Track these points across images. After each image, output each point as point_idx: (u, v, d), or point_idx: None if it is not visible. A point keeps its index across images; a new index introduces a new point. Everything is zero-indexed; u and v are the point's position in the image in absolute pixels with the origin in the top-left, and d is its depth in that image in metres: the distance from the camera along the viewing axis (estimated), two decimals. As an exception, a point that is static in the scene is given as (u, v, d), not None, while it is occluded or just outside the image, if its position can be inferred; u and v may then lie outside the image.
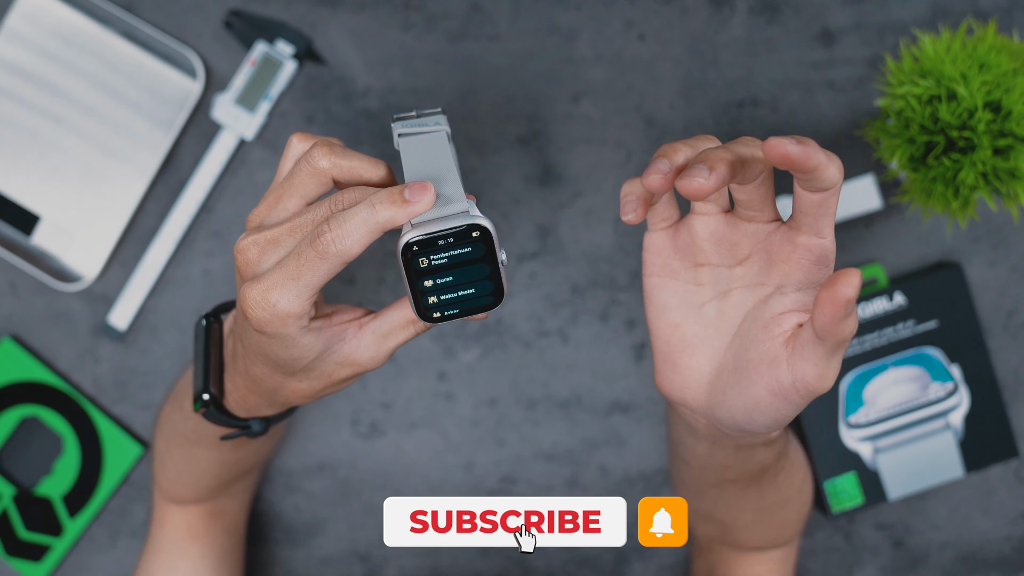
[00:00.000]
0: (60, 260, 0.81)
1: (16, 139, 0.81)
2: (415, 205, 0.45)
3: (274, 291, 0.46)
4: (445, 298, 0.48)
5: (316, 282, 0.46)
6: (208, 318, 0.58)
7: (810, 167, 0.44)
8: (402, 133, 0.51)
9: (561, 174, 0.82)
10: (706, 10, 0.82)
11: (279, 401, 0.54)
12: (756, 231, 0.50)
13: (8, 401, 0.82)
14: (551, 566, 0.84)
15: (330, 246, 0.45)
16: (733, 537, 0.70)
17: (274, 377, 0.51)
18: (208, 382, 0.56)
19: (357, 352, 0.50)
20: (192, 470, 0.69)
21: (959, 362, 0.80)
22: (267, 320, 0.46)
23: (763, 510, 0.66)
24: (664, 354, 0.53)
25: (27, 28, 0.81)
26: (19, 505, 0.82)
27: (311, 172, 0.49)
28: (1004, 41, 0.71)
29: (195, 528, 0.74)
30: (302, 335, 0.48)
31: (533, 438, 0.83)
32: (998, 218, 0.83)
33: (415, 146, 0.50)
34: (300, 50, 0.81)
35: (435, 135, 0.50)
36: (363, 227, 0.45)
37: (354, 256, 0.45)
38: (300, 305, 0.46)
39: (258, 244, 0.48)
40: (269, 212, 0.49)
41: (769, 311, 0.49)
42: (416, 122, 0.52)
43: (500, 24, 0.82)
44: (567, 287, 0.83)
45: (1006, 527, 0.84)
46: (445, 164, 0.48)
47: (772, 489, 0.64)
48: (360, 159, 0.49)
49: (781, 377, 0.48)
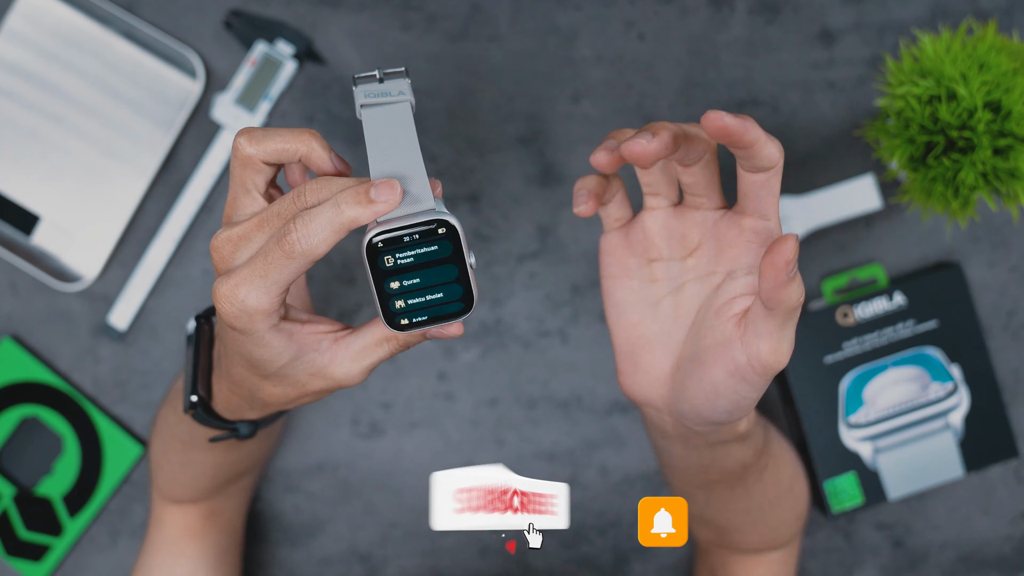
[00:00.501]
0: (60, 260, 0.81)
1: (16, 139, 0.81)
2: (380, 205, 0.45)
3: (242, 287, 0.46)
4: (412, 302, 0.47)
5: (283, 280, 0.46)
6: (199, 319, 0.58)
7: (747, 141, 0.45)
8: (365, 104, 0.49)
9: (561, 174, 0.82)
10: (706, 10, 0.82)
11: (258, 404, 0.54)
12: (704, 219, 0.51)
13: (8, 401, 0.82)
14: (551, 566, 0.84)
15: (295, 245, 0.45)
16: (730, 539, 0.70)
17: (251, 379, 0.51)
18: (197, 384, 0.56)
19: (331, 366, 0.50)
20: (188, 472, 0.69)
21: (959, 362, 0.80)
22: (236, 316, 0.47)
23: (754, 510, 0.66)
24: (625, 353, 0.54)
25: (27, 28, 0.81)
26: (19, 505, 0.82)
27: (241, 163, 0.49)
28: (1004, 41, 0.71)
29: (193, 528, 0.74)
30: (272, 335, 0.48)
31: (533, 438, 0.83)
32: (998, 218, 0.83)
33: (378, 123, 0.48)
34: (300, 50, 0.81)
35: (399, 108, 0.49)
36: (328, 227, 0.45)
37: (320, 255, 0.46)
38: (268, 302, 0.46)
39: (231, 240, 0.48)
40: (232, 211, 0.50)
41: (721, 297, 0.50)
42: (378, 89, 0.50)
43: (500, 24, 0.82)
44: (567, 287, 0.83)
45: (1006, 527, 0.84)
46: (411, 155, 0.47)
47: (759, 488, 0.64)
48: (282, 135, 0.49)
49: (736, 356, 0.49)
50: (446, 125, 0.82)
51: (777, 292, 0.45)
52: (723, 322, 0.50)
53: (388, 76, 0.51)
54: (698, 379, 0.51)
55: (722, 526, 0.68)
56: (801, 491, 0.70)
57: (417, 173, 0.46)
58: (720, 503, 0.65)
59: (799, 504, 0.70)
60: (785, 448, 0.69)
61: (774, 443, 0.66)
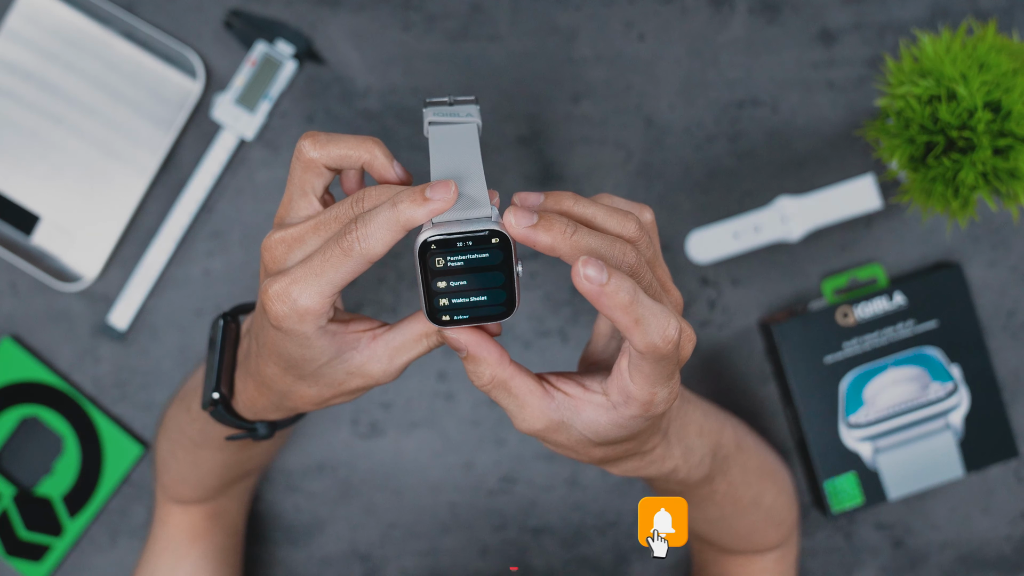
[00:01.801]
0: (60, 260, 0.81)
1: (16, 139, 0.81)
2: (435, 203, 0.45)
3: (296, 286, 0.46)
4: (456, 302, 0.47)
5: (339, 280, 0.46)
6: (226, 317, 0.58)
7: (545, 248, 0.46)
8: (433, 121, 0.50)
9: (561, 174, 0.82)
10: (706, 10, 0.82)
11: (287, 406, 0.54)
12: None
13: (8, 401, 0.82)
14: (551, 566, 0.84)
15: (355, 244, 0.45)
16: (708, 541, 0.71)
17: (284, 379, 0.51)
18: (219, 381, 0.56)
19: (368, 364, 0.50)
20: (196, 471, 0.69)
21: (959, 362, 0.80)
22: (286, 315, 0.47)
23: (713, 522, 0.67)
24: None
25: (27, 28, 0.81)
26: (19, 505, 0.82)
27: (303, 167, 0.49)
28: (1004, 41, 0.71)
29: (196, 528, 0.74)
30: (317, 336, 0.48)
31: (533, 438, 0.83)
32: (998, 218, 0.83)
33: (444, 138, 0.49)
34: (300, 50, 0.81)
35: (465, 127, 0.50)
36: (385, 226, 0.45)
37: (378, 255, 0.46)
38: (320, 302, 0.46)
39: (285, 241, 0.48)
40: (286, 212, 0.50)
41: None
42: (448, 110, 0.51)
43: (500, 24, 0.82)
44: (567, 287, 0.83)
45: (1006, 527, 0.84)
46: (472, 161, 0.47)
47: (710, 506, 0.64)
48: (346, 141, 0.49)
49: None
50: (446, 125, 0.82)
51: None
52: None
53: (458, 102, 0.52)
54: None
55: (696, 532, 0.70)
56: (773, 504, 0.70)
57: (476, 178, 0.47)
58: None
59: (775, 514, 0.70)
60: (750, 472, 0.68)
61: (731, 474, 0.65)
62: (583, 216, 0.47)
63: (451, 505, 0.83)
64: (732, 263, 0.83)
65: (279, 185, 0.82)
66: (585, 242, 0.45)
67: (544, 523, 0.83)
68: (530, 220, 0.44)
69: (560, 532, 0.84)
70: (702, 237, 0.81)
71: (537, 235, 0.44)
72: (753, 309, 0.83)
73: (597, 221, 0.47)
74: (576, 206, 0.47)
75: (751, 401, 0.84)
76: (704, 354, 0.83)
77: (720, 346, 0.83)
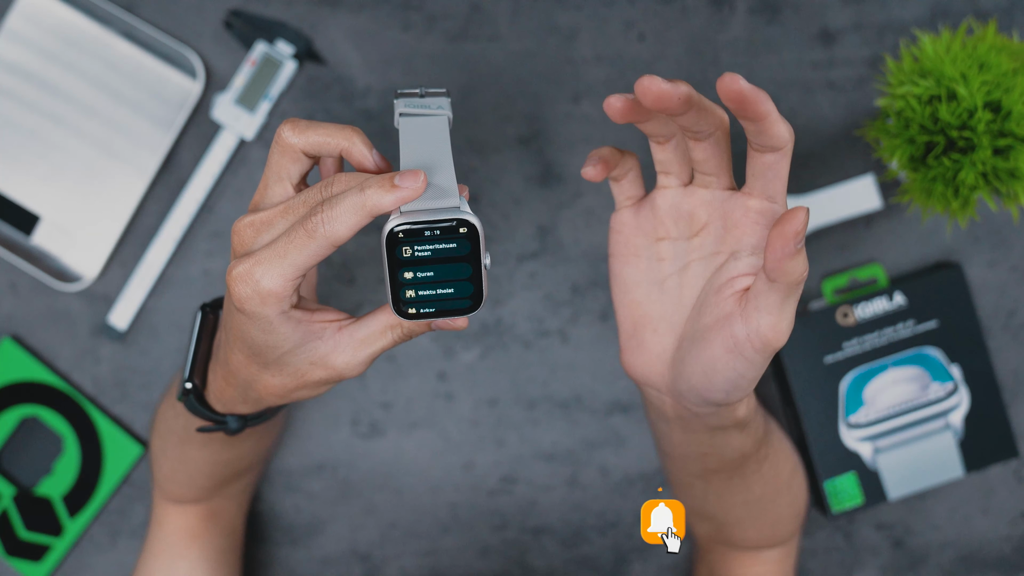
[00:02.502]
0: (60, 260, 0.81)
1: (16, 139, 0.81)
2: (403, 191, 0.45)
3: (259, 267, 0.46)
4: (423, 294, 0.47)
5: (302, 262, 0.46)
6: (204, 308, 0.58)
7: (759, 112, 0.46)
8: (403, 113, 0.50)
9: (561, 174, 0.82)
10: (706, 10, 0.82)
11: (252, 397, 0.54)
12: (712, 198, 0.52)
13: (8, 401, 0.82)
14: (551, 566, 0.84)
15: (319, 227, 0.45)
16: (728, 534, 0.70)
17: (249, 367, 0.51)
18: (193, 371, 0.56)
19: (332, 354, 0.50)
20: (186, 469, 0.69)
21: (959, 362, 0.80)
22: (248, 296, 0.47)
23: (752, 503, 0.66)
24: (629, 333, 0.55)
25: (27, 28, 0.81)
26: (19, 505, 0.82)
27: (281, 151, 0.49)
28: (1004, 41, 0.71)
29: (193, 529, 0.74)
30: (281, 321, 0.48)
31: (533, 438, 0.83)
32: (998, 218, 0.83)
33: (414, 129, 0.49)
34: (300, 50, 0.81)
35: (436, 120, 0.50)
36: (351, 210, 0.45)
37: (342, 239, 0.46)
38: (283, 285, 0.46)
39: (253, 225, 0.48)
40: (261, 198, 0.50)
41: (722, 276, 0.51)
42: (419, 102, 0.51)
43: (500, 24, 0.82)
44: (567, 287, 0.83)
45: (1006, 527, 0.84)
46: (441, 153, 0.48)
47: (758, 480, 0.64)
48: (327, 128, 0.49)
49: (736, 332, 0.49)
50: (446, 125, 0.82)
51: (782, 263, 0.46)
52: (723, 300, 0.50)
53: (430, 94, 0.52)
54: (696, 357, 0.51)
55: (720, 520, 0.69)
56: (799, 488, 0.70)
57: (445, 168, 0.47)
58: (718, 495, 0.65)
59: (797, 501, 0.70)
60: (785, 443, 0.69)
61: (774, 436, 0.66)
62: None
63: (451, 505, 0.83)
64: (732, 263, 0.83)
65: (279, 185, 0.82)
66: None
67: (544, 523, 0.83)
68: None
69: (560, 532, 0.84)
70: (702, 237, 0.81)
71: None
72: (753, 309, 0.83)
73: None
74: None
75: (751, 401, 0.84)
76: (704, 354, 0.83)
77: (720, 346, 0.83)
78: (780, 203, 0.49)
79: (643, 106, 0.48)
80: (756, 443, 0.60)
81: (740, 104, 0.45)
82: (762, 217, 0.50)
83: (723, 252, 0.52)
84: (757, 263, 0.50)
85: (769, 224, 0.50)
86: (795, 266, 0.46)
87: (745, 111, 0.46)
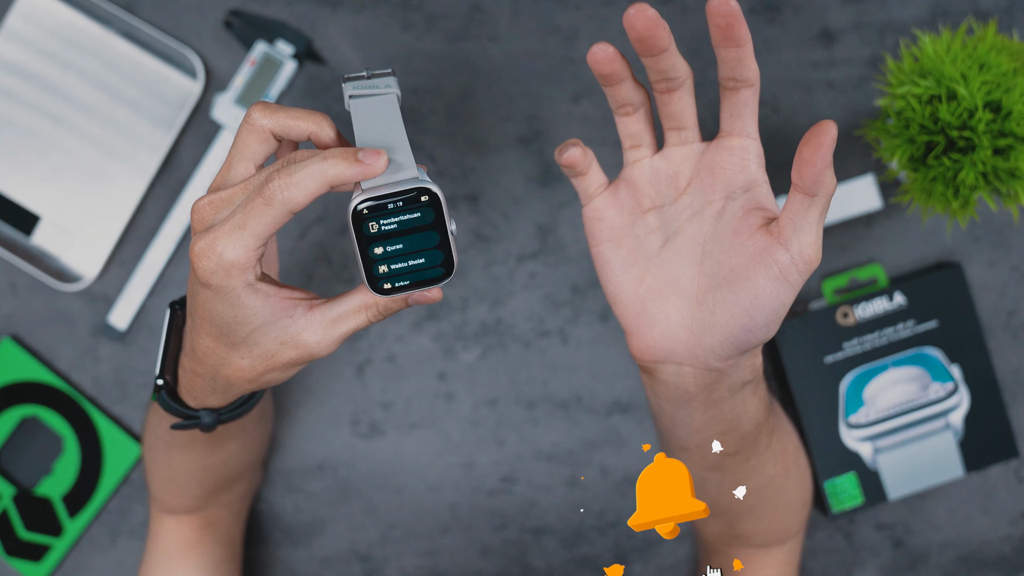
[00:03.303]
0: (60, 260, 0.81)
1: (16, 139, 0.81)
2: (367, 167, 0.46)
3: (220, 240, 0.47)
4: (395, 267, 0.48)
5: (261, 231, 0.46)
6: (174, 305, 0.58)
7: (745, 35, 0.48)
8: (353, 95, 0.51)
9: (561, 174, 0.82)
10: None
11: (221, 384, 0.53)
12: (692, 152, 0.53)
13: (8, 401, 0.82)
14: (551, 566, 0.84)
15: (276, 193, 0.46)
16: (740, 529, 0.70)
17: (217, 351, 0.51)
18: (164, 368, 0.57)
19: (304, 333, 0.50)
20: (175, 476, 0.69)
21: (959, 362, 0.80)
22: (212, 270, 0.47)
23: (765, 489, 0.66)
24: (634, 313, 0.55)
25: (27, 28, 0.81)
26: (19, 505, 0.82)
27: (250, 131, 0.50)
28: (1004, 41, 0.71)
29: (189, 540, 0.74)
30: (247, 293, 0.48)
31: (533, 438, 0.83)
32: (998, 218, 0.83)
33: (366, 110, 0.50)
34: (300, 50, 0.81)
35: (386, 98, 0.51)
36: (312, 177, 0.46)
37: (300, 206, 0.46)
38: (245, 255, 0.47)
39: (212, 203, 0.49)
40: (223, 179, 0.50)
41: (730, 219, 0.52)
42: (367, 84, 0.52)
43: (500, 24, 0.82)
44: (567, 287, 0.83)
45: (1006, 527, 0.84)
46: (396, 131, 0.49)
47: (769, 457, 0.64)
48: (298, 112, 0.50)
49: (779, 258, 0.50)
50: (446, 125, 0.82)
51: (821, 175, 0.47)
52: (749, 236, 0.51)
53: (376, 75, 0.53)
54: (734, 299, 0.51)
55: (734, 512, 0.68)
56: (804, 467, 0.70)
57: (401, 145, 0.48)
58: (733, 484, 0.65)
59: (804, 485, 0.70)
60: (783, 415, 0.70)
61: (775, 405, 0.67)
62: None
63: (451, 505, 0.83)
64: (732, 263, 0.83)
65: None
66: None
67: (544, 523, 0.83)
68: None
69: (560, 532, 0.84)
70: (702, 237, 0.81)
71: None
72: (753, 309, 0.83)
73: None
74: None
75: (751, 401, 0.84)
76: (704, 354, 0.83)
77: (720, 346, 0.83)
78: (756, 137, 0.52)
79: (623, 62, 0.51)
80: (766, 409, 0.61)
81: (728, 26, 0.48)
82: (747, 153, 0.52)
83: (716, 200, 0.53)
84: (755, 197, 0.52)
85: (755, 158, 0.52)
86: (831, 176, 0.47)
87: (732, 33, 0.48)
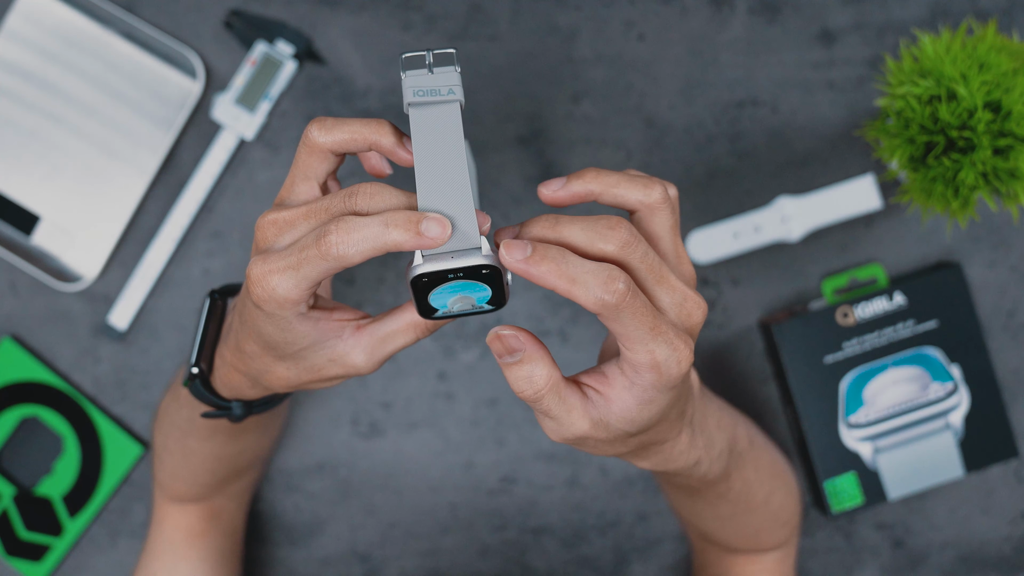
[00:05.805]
0: (60, 260, 0.81)
1: (16, 139, 0.81)
2: (427, 240, 0.45)
3: (275, 275, 0.47)
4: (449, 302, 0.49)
5: (314, 276, 0.46)
6: (214, 294, 0.58)
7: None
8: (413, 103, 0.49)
9: (561, 174, 0.82)
10: (706, 10, 0.82)
11: (262, 384, 0.54)
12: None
13: (8, 401, 0.82)
14: (551, 566, 0.84)
15: (332, 248, 0.45)
16: (714, 539, 0.71)
17: (263, 358, 0.51)
18: (200, 356, 0.57)
19: (351, 353, 0.51)
20: (188, 464, 0.69)
21: (959, 362, 0.80)
22: (264, 299, 0.47)
23: (721, 519, 0.67)
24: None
25: (27, 28, 0.81)
26: (19, 505, 0.82)
27: (308, 150, 0.50)
28: (1004, 41, 0.71)
29: (194, 529, 0.74)
30: (298, 321, 0.48)
31: (533, 438, 0.83)
32: (998, 218, 0.83)
33: (427, 133, 0.49)
34: (300, 50, 0.81)
35: (450, 115, 0.49)
36: (369, 241, 0.45)
37: (353, 264, 0.46)
38: (297, 294, 0.47)
39: (276, 223, 0.48)
40: (287, 194, 0.50)
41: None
42: (429, 84, 0.50)
43: (500, 24, 0.82)
44: (567, 287, 0.83)
45: (1006, 527, 0.84)
46: (462, 182, 0.47)
47: (724, 504, 0.64)
48: (354, 124, 0.49)
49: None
50: (446, 125, 0.82)
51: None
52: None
53: (439, 60, 0.50)
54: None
55: (698, 527, 0.70)
56: (781, 504, 0.70)
57: (466, 207, 0.47)
58: (687, 505, 0.67)
59: (780, 514, 0.70)
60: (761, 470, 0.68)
61: (746, 470, 0.65)
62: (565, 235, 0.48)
63: (451, 505, 0.83)
64: (732, 263, 0.83)
65: (279, 185, 0.82)
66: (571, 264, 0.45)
67: (544, 523, 0.83)
68: (524, 252, 0.45)
69: (560, 532, 0.84)
70: (702, 237, 0.81)
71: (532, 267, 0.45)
72: (753, 309, 0.83)
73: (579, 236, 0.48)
74: (557, 225, 0.47)
75: (751, 401, 0.84)
76: (704, 354, 0.83)
77: (720, 346, 0.83)
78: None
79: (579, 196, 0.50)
80: (712, 481, 0.61)
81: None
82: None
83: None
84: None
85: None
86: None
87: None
